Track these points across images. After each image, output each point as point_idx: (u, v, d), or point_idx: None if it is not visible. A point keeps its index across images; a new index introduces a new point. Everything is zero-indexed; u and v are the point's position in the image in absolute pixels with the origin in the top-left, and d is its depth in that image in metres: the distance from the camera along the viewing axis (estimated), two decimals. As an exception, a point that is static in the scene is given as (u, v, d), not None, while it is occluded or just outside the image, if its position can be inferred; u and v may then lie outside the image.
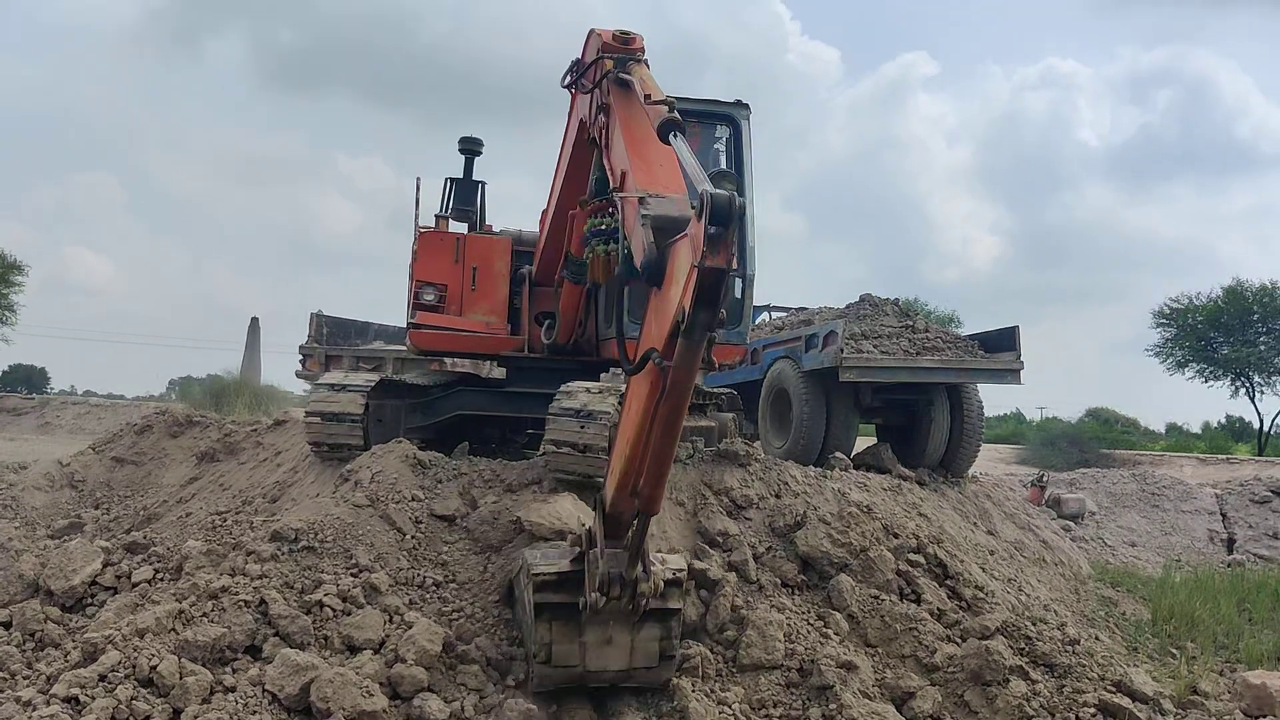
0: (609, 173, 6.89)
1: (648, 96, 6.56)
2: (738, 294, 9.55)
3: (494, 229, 11.13)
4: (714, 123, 10.01)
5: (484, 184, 11.25)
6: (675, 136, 5.61)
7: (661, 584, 6.01)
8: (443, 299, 10.11)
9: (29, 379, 73.92)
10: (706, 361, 4.62)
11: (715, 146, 10.14)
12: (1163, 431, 56.12)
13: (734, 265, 4.34)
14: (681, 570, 6.58)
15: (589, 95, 7.48)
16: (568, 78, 7.84)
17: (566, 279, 9.48)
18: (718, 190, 4.24)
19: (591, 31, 7.80)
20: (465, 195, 11.07)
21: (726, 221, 4.22)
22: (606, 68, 7.06)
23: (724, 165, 9.75)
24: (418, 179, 10.13)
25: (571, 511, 7.74)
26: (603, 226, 7.25)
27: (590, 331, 10.03)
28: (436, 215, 10.79)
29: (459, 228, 11.02)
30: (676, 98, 8.25)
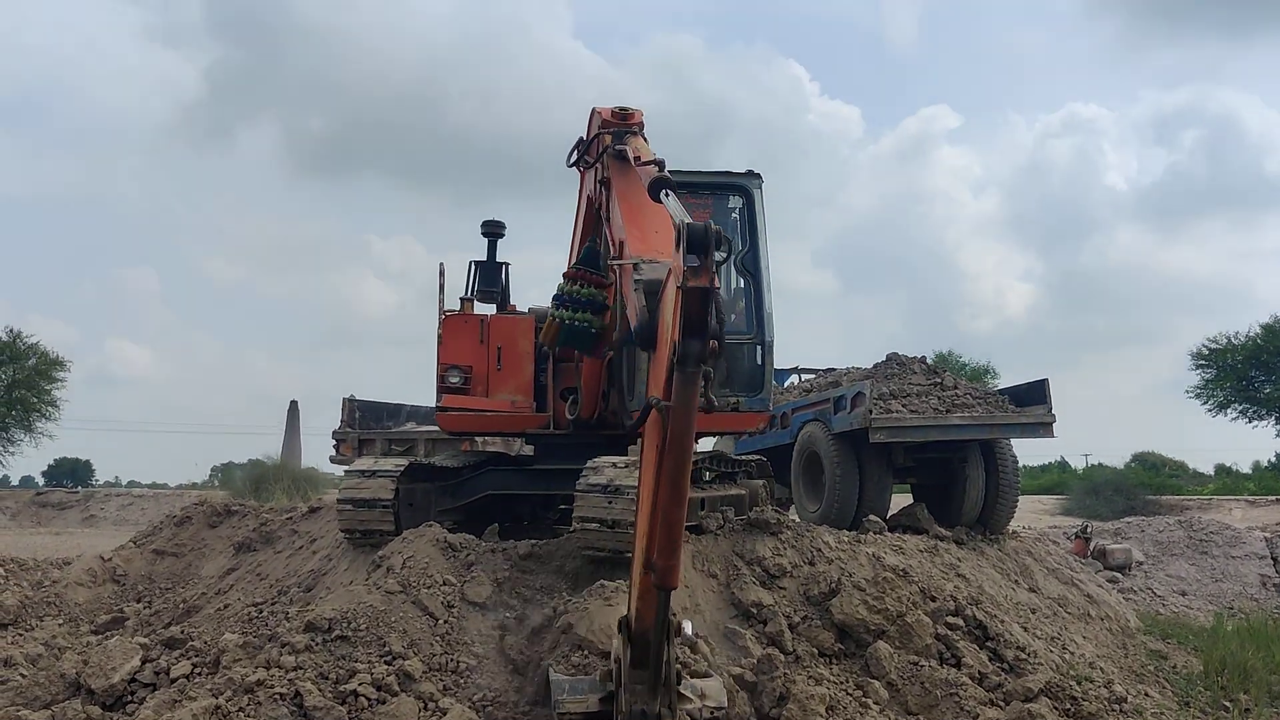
0: (610, 243, 7.17)
1: (638, 159, 6.71)
2: (758, 360, 9.56)
3: (518, 308, 11.27)
4: (727, 193, 10.12)
5: (507, 265, 11.42)
6: (667, 195, 5.61)
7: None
8: (468, 380, 10.21)
9: (74, 472, 74.82)
10: (706, 402, 4.46)
11: (731, 217, 10.26)
12: (1211, 473, 55.18)
13: (716, 284, 4.24)
14: (721, 709, 6.20)
15: (592, 171, 7.66)
16: (573, 156, 8.07)
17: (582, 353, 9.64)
18: (693, 221, 4.27)
19: (593, 110, 8.07)
20: (489, 277, 11.23)
21: (704, 248, 4.21)
22: (605, 143, 7.25)
23: (738, 234, 9.83)
24: (440, 264, 10.29)
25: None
26: (575, 293, 7.74)
27: (614, 404, 10.09)
28: (461, 298, 10.93)
29: (485, 308, 11.16)
30: (689, 171, 8.51)
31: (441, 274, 10.18)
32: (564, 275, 8.01)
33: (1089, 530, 18.95)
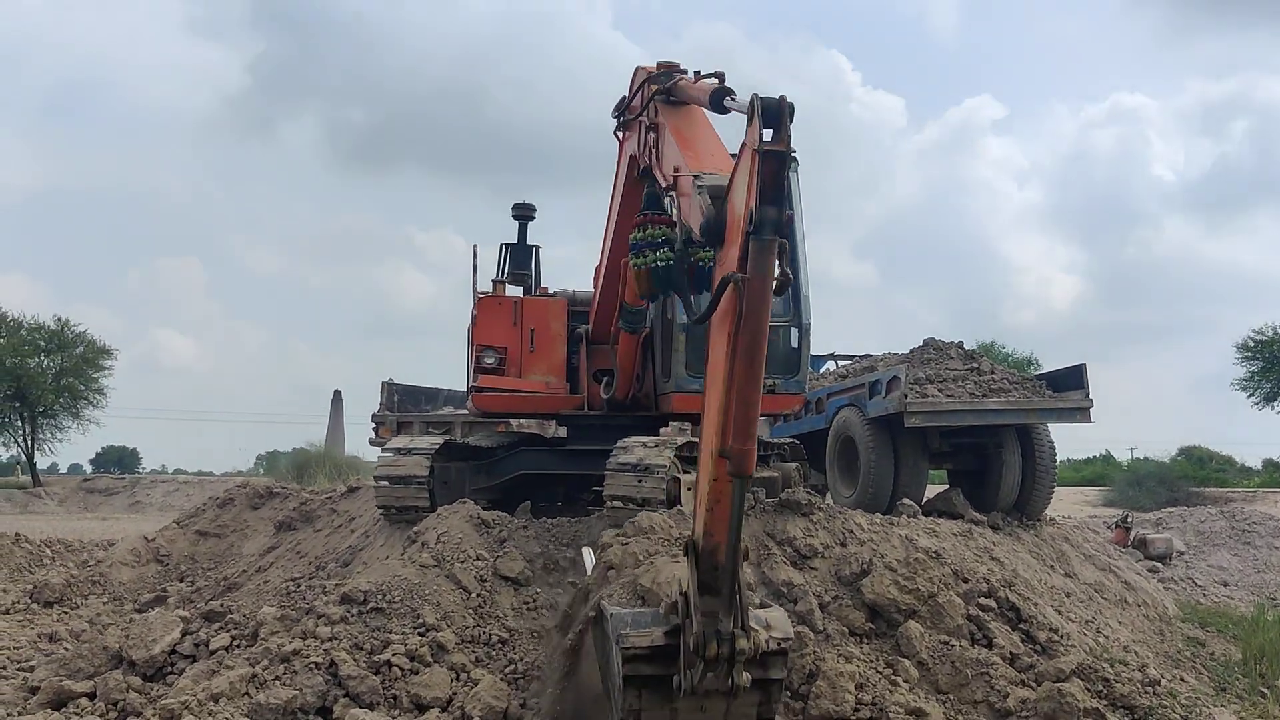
0: (660, 180, 7.10)
1: (697, 73, 6.71)
2: (794, 343, 9.58)
3: (549, 291, 11.35)
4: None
5: (538, 248, 11.51)
6: (732, 99, 5.75)
7: (761, 645, 5.41)
8: (503, 361, 10.30)
9: (120, 460, 75.98)
10: (782, 275, 4.48)
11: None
12: (1259, 468, 54.35)
13: (793, 152, 4.36)
14: (788, 639, 5.82)
15: (638, 124, 7.78)
16: (619, 112, 8.17)
17: (623, 330, 9.63)
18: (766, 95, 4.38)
19: (637, 69, 8.20)
20: (520, 259, 11.33)
21: (778, 116, 4.30)
22: (652, 91, 7.33)
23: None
24: (474, 246, 10.40)
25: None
26: (648, 237, 7.46)
27: (648, 386, 10.15)
28: (494, 280, 11.03)
29: (515, 291, 11.26)
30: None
31: (475, 256, 10.29)
32: (634, 223, 7.74)
33: (1129, 520, 18.76)
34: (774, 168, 4.33)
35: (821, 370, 15.35)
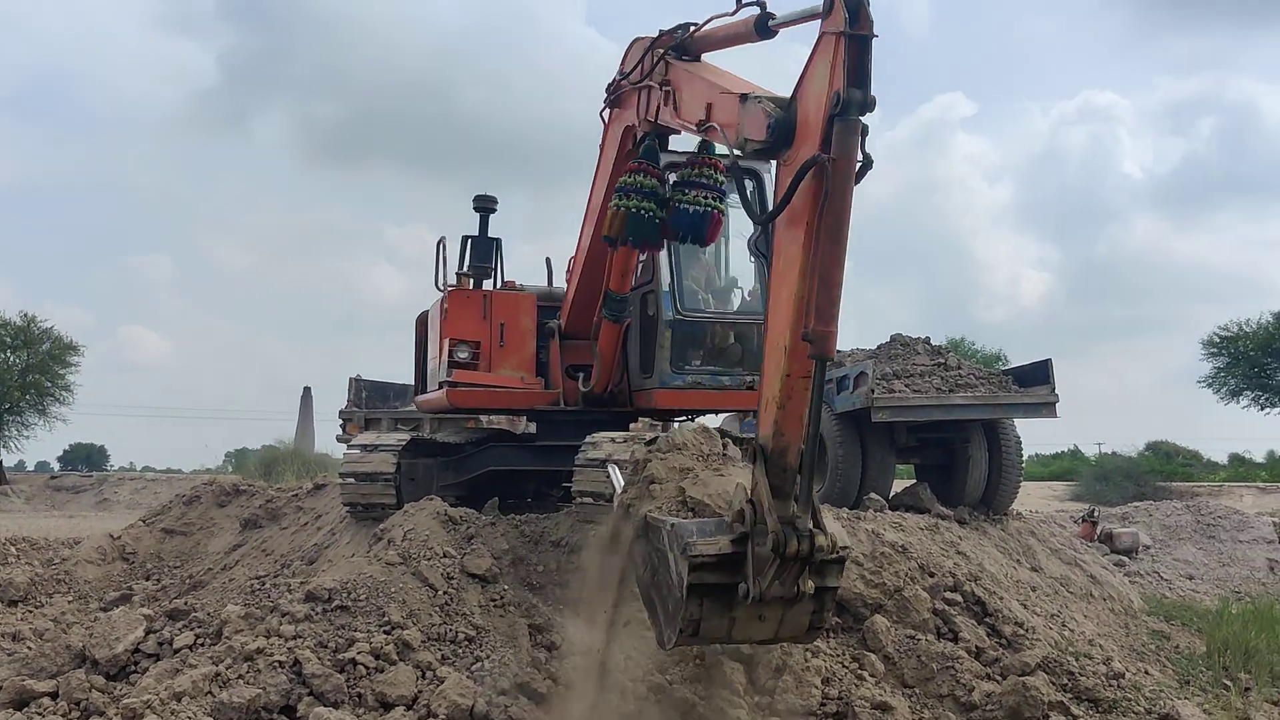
0: (682, 126, 7.34)
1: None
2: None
3: (516, 284, 11.26)
4: (741, 176, 10.12)
5: (499, 240, 11.40)
6: (772, 21, 6.17)
7: (839, 542, 5.47)
8: (476, 356, 10.15)
9: (89, 457, 75.26)
10: (865, 159, 4.86)
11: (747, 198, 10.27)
12: (1225, 463, 54.94)
13: (875, 35, 4.76)
14: (847, 549, 5.80)
15: (639, 91, 7.97)
16: (611, 90, 8.53)
17: (605, 319, 9.58)
18: None
19: (634, 40, 8.29)
20: (482, 252, 11.20)
21: (858, 2, 4.69)
22: (665, 48, 7.53)
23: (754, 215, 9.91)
24: (441, 238, 10.31)
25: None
26: (637, 183, 7.85)
27: (622, 383, 10.12)
28: (458, 273, 10.91)
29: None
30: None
31: (442, 249, 10.21)
32: (625, 169, 8.13)
33: (1096, 514, 18.89)
34: (859, 50, 4.71)
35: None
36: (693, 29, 7.39)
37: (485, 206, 11.14)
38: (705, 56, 7.45)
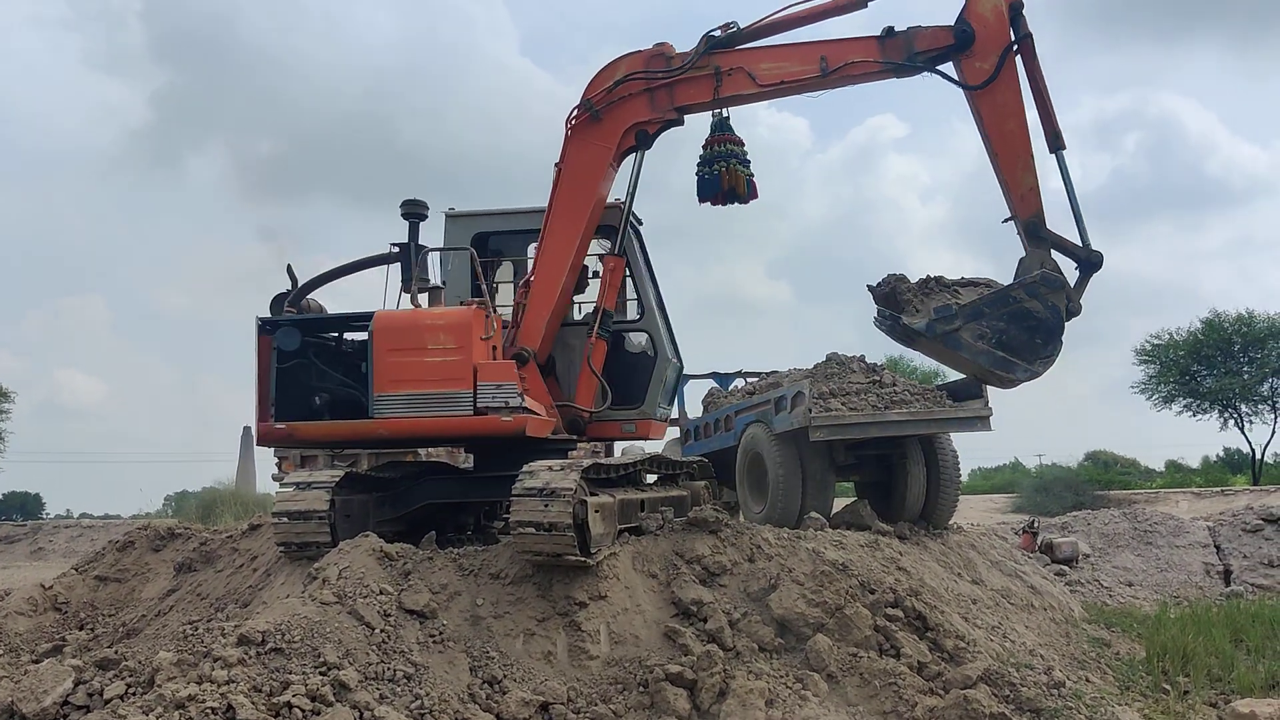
0: (764, 90, 9.97)
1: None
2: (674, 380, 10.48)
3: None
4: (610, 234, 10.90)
5: (426, 249, 11.22)
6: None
7: None
8: None
9: (23, 506, 73.52)
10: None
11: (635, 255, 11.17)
12: (1162, 470, 55.95)
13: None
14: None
15: (649, 94, 10.12)
16: (597, 103, 10.12)
17: (601, 338, 10.45)
18: None
19: (624, 56, 10.19)
20: (418, 263, 10.84)
21: None
22: (712, 42, 10.04)
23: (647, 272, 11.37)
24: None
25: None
26: (730, 150, 10.38)
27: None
28: (402, 289, 10.69)
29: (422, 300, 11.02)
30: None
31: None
32: (705, 145, 10.51)
33: (1036, 525, 19.14)
34: None
35: (730, 388, 15.43)
36: (745, 26, 10.01)
37: (414, 212, 10.42)
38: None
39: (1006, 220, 10.13)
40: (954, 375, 11.76)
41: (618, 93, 10.10)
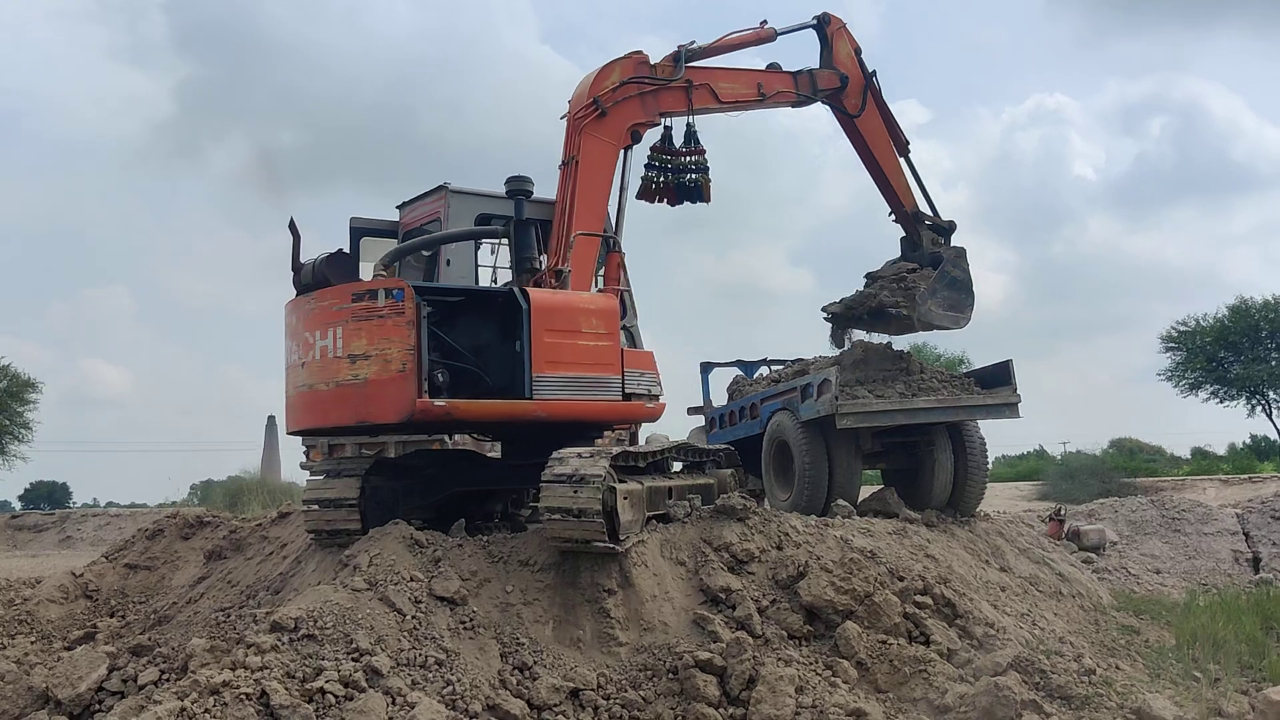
0: (731, 104, 12.03)
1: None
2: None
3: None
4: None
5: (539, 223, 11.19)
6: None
7: None
8: None
9: (51, 495, 74.12)
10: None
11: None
12: (1188, 457, 55.49)
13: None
14: None
15: (641, 98, 11.09)
16: (604, 102, 10.70)
17: None
18: None
19: (621, 59, 11.05)
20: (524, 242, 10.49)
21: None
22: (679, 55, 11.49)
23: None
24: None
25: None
26: (696, 163, 11.82)
27: None
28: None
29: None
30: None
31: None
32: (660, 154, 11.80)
33: (1063, 512, 19.04)
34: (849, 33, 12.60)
35: (754, 375, 15.41)
36: (705, 44, 11.84)
37: (520, 189, 10.06)
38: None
39: (890, 215, 13.53)
40: (980, 362, 11.94)
41: (621, 93, 10.95)
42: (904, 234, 13.64)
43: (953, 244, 13.40)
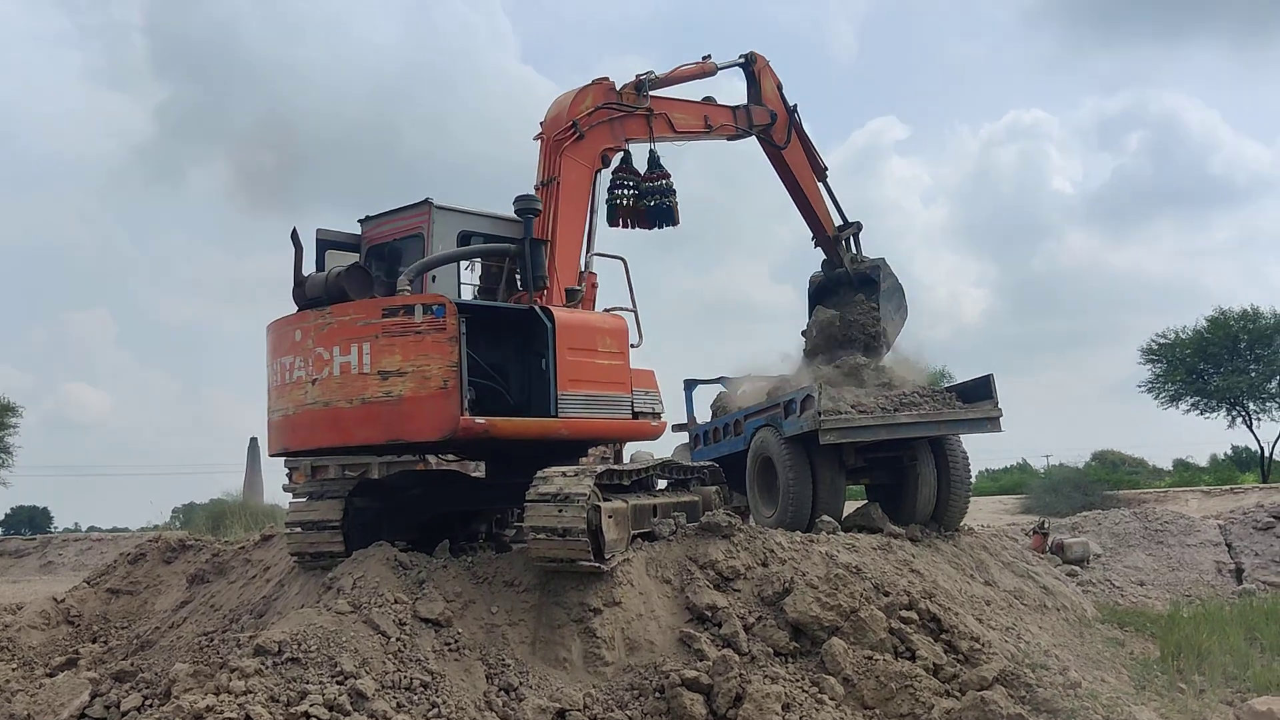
0: (683, 135, 12.51)
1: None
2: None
3: None
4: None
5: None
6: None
7: None
8: None
9: (31, 520, 73.47)
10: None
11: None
12: (1170, 469, 55.72)
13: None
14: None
15: (610, 124, 11.36)
16: (581, 125, 10.83)
17: None
18: None
19: (595, 83, 11.35)
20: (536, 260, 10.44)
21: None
22: (639, 84, 11.78)
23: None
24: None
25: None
26: (659, 186, 11.95)
27: None
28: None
29: None
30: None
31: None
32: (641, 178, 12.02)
33: (1046, 525, 19.09)
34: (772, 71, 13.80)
35: (737, 393, 15.41)
36: (662, 74, 12.28)
37: (529, 208, 9.96)
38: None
39: (813, 239, 14.66)
40: (961, 377, 11.92)
41: (596, 118, 11.23)
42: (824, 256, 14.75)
43: (867, 256, 14.64)
